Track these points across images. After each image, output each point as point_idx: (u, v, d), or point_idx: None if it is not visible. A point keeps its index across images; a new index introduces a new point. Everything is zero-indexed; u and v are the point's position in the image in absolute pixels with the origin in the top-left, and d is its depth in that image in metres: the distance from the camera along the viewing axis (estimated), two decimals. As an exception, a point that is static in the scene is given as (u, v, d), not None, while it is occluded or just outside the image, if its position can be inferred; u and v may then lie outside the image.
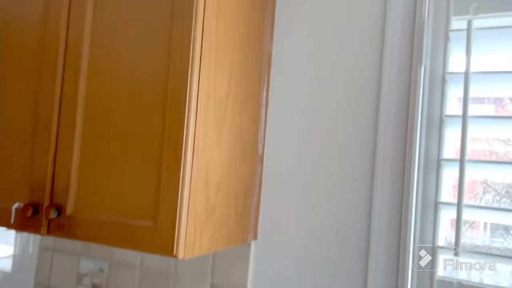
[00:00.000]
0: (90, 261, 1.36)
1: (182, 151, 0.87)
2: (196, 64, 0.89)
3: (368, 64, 1.03)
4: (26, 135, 1.04)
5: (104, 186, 0.95)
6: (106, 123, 0.96)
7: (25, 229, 1.02)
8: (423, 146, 0.93)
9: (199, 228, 0.92)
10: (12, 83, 1.09)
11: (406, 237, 0.92)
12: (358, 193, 1.02)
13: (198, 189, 0.91)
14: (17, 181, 1.05)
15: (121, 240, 0.91)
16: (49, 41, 1.03)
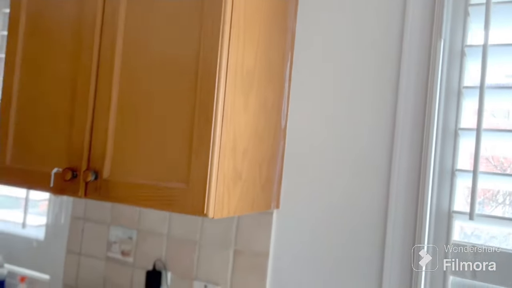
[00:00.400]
0: (119, 230, 1.43)
1: (213, 117, 0.93)
2: (226, 36, 0.94)
3: (390, 38, 1.07)
4: (64, 106, 1.11)
5: (139, 151, 1.01)
6: (140, 93, 1.02)
7: (63, 192, 1.09)
8: (442, 114, 0.98)
9: (227, 191, 0.98)
10: (50, 60, 1.15)
11: (424, 203, 0.97)
12: (377, 162, 1.06)
13: (226, 154, 0.97)
14: (55, 148, 1.12)
15: (155, 202, 0.98)
16: (86, 17, 1.09)
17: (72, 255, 1.51)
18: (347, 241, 1.11)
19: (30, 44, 1.19)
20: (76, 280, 1.50)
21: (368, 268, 1.06)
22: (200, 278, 1.29)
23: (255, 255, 1.22)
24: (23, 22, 1.20)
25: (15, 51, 1.20)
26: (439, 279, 0.96)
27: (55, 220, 1.56)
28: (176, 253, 1.34)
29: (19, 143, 1.19)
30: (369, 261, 1.06)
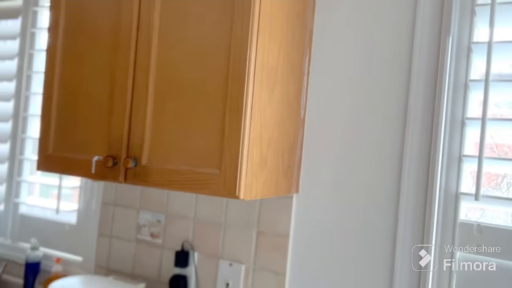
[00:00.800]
0: (148, 214, 1.54)
1: (243, 109, 1.03)
2: (254, 36, 1.04)
3: (402, 35, 1.16)
4: (104, 98, 1.22)
5: (175, 140, 1.11)
6: (175, 86, 1.12)
7: (104, 178, 1.20)
8: (450, 105, 1.07)
9: (255, 176, 1.09)
10: (89, 55, 1.26)
11: (433, 185, 1.07)
12: (390, 149, 1.16)
13: (254, 143, 1.07)
14: (96, 138, 1.23)
15: (191, 186, 1.08)
16: (123, 15, 1.19)
17: (104, 237, 1.63)
18: (361, 221, 1.21)
19: (69, 41, 1.30)
20: (108, 261, 1.61)
21: (381, 246, 1.17)
22: (225, 257, 1.40)
23: (276, 236, 1.33)
24: (63, 21, 1.30)
25: (56, 48, 1.31)
26: (446, 251, 1.07)
27: (87, 206, 1.67)
28: (202, 235, 1.45)
29: (61, 133, 1.30)
30: (381, 240, 1.17)
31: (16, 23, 1.88)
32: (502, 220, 1.10)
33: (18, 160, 1.85)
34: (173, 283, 1.42)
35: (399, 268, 1.12)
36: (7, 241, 1.85)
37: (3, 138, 1.88)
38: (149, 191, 1.55)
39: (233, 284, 1.37)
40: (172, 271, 1.47)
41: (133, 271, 1.56)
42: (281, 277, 1.31)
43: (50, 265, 1.67)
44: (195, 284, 1.43)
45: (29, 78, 1.85)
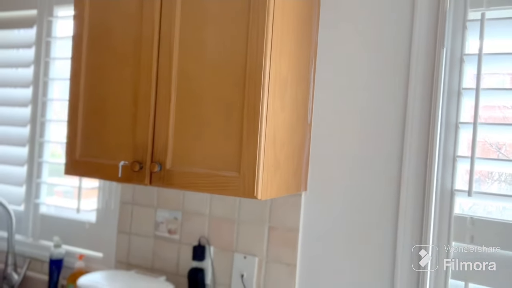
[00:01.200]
0: (165, 212, 1.65)
1: (259, 116, 1.14)
2: (268, 49, 1.15)
3: (400, 47, 1.27)
4: (128, 107, 1.32)
5: (196, 145, 1.22)
6: (196, 95, 1.23)
7: (130, 181, 1.31)
8: (445, 111, 1.19)
9: (270, 178, 1.20)
10: (112, 67, 1.36)
11: (430, 183, 1.19)
12: (391, 150, 1.28)
13: (269, 147, 1.18)
14: (121, 144, 1.33)
15: (212, 187, 1.20)
16: (145, 28, 1.29)
17: (123, 234, 1.74)
18: (364, 216, 1.33)
19: (93, 54, 1.39)
20: (128, 257, 1.72)
21: (383, 238, 1.29)
22: (240, 250, 1.52)
23: (287, 230, 1.45)
24: (86, 31, 1.40)
25: (80, 57, 1.40)
26: (443, 242, 1.19)
27: (106, 205, 1.78)
28: (217, 230, 1.56)
29: (87, 140, 1.40)
30: (384, 233, 1.29)
31: (32, 32, 1.97)
32: (493, 213, 1.22)
33: (37, 162, 1.95)
34: (191, 275, 1.54)
35: (400, 256, 1.24)
36: (29, 239, 1.95)
37: (22, 142, 1.98)
38: (166, 191, 1.66)
39: (248, 275, 1.49)
40: (189, 264, 1.58)
41: (152, 265, 1.67)
42: (292, 268, 1.43)
43: (73, 262, 1.78)
44: (212, 275, 1.55)
45: (45, 84, 1.94)
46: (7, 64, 2.05)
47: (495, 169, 1.22)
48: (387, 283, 1.28)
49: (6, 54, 2.07)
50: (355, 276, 1.34)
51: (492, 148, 1.24)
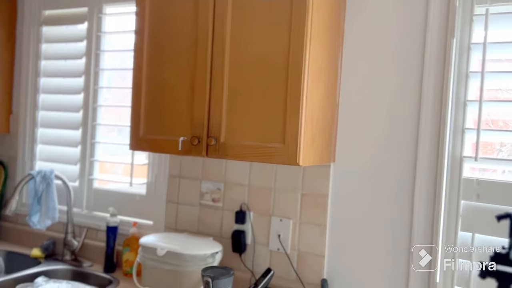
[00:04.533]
0: (209, 183, 1.90)
1: (300, 97, 1.38)
2: (308, 40, 1.38)
3: (416, 38, 1.50)
4: (186, 91, 1.56)
5: (246, 122, 1.46)
6: (245, 81, 1.46)
7: (188, 153, 1.55)
8: (455, 90, 1.42)
9: (308, 148, 1.44)
10: (172, 56, 1.59)
11: (443, 151, 1.43)
12: (408, 125, 1.51)
13: (307, 123, 1.42)
14: (180, 123, 1.57)
15: (261, 157, 1.44)
16: (200, 26, 1.52)
17: (171, 204, 1.99)
18: (385, 182, 1.57)
19: (153, 47, 1.63)
20: (176, 223, 1.98)
21: (402, 199, 1.53)
22: (276, 214, 1.76)
23: (317, 196, 1.69)
24: (147, 26, 1.63)
25: (142, 49, 1.64)
26: (454, 200, 1.43)
27: (155, 179, 2.03)
28: (256, 198, 1.81)
29: (149, 120, 1.64)
30: (402, 194, 1.53)
31: (83, 27, 2.20)
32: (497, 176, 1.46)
33: (90, 143, 2.20)
34: (235, 236, 1.79)
35: (417, 214, 1.48)
36: (84, 211, 2.21)
37: (76, 125, 2.23)
38: (209, 165, 1.90)
39: (284, 235, 1.73)
40: (231, 228, 1.83)
41: (198, 230, 1.92)
42: (322, 228, 1.68)
43: (126, 229, 2.03)
44: (252, 236, 1.80)
45: (96, 74, 2.18)
46: (62, 56, 2.30)
47: (496, 139, 1.45)
48: (405, 236, 1.52)
49: (60, 47, 2.31)
50: (377, 234, 1.58)
51: (491, 124, 1.47)
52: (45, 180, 2.05)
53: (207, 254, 1.61)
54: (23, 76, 2.37)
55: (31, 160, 2.36)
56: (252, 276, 1.76)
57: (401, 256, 1.53)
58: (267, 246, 1.77)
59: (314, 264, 1.68)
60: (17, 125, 2.39)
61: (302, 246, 1.71)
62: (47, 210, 2.07)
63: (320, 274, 1.67)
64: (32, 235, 2.28)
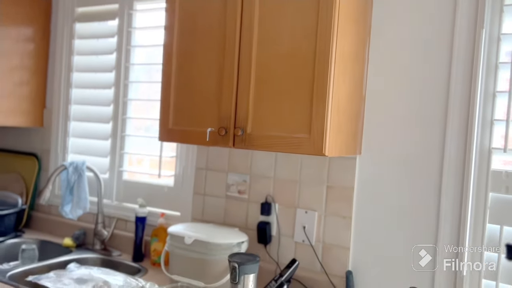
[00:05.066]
0: (235, 175, 1.93)
1: (327, 88, 1.39)
2: (335, 34, 1.39)
3: (444, 28, 1.49)
4: (214, 84, 1.59)
5: (273, 113, 1.48)
6: (272, 73, 1.48)
7: (216, 144, 1.59)
8: (484, 82, 1.41)
9: (334, 139, 1.45)
10: (200, 51, 1.63)
11: (471, 143, 1.42)
12: (436, 116, 1.51)
13: (334, 114, 1.43)
14: (208, 114, 1.61)
15: (287, 147, 1.46)
16: (229, 22, 1.55)
17: (198, 195, 2.03)
18: (412, 175, 1.56)
19: (182, 41, 1.67)
20: (202, 214, 2.01)
21: (429, 192, 1.52)
22: (301, 206, 1.78)
23: (343, 189, 1.70)
24: (177, 22, 1.67)
25: (172, 45, 1.68)
26: (482, 192, 1.42)
27: (182, 171, 2.07)
28: (281, 190, 1.83)
29: (178, 111, 1.68)
30: (429, 188, 1.52)
31: (114, 23, 2.27)
32: (525, 168, 1.44)
33: (120, 136, 2.26)
34: (260, 227, 1.82)
35: (444, 208, 1.47)
36: (114, 203, 2.27)
37: (106, 119, 2.30)
38: (235, 157, 1.93)
39: (309, 227, 1.75)
40: (256, 219, 1.86)
41: (224, 221, 1.95)
42: (347, 220, 1.68)
43: (154, 220, 2.09)
44: (277, 227, 1.82)
45: (127, 69, 2.24)
46: (93, 52, 2.37)
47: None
48: (432, 229, 1.52)
49: (92, 43, 2.39)
50: (403, 226, 1.57)
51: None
52: (77, 171, 2.12)
53: (233, 243, 1.64)
54: (56, 71, 2.46)
55: (64, 153, 2.44)
56: (277, 267, 1.78)
57: (428, 249, 1.52)
58: (292, 238, 1.79)
59: (339, 256, 1.69)
60: (50, 119, 2.48)
61: (327, 238, 1.72)
62: (79, 200, 2.14)
63: (345, 266, 1.67)
64: (64, 226, 2.36)
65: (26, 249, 1.99)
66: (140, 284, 1.54)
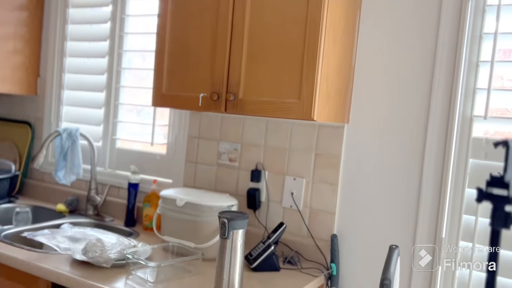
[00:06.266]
0: (226, 144, 1.98)
1: (317, 56, 1.44)
2: (326, 1, 1.43)
3: (431, 20, 1.54)
4: (207, 49, 1.63)
5: (264, 79, 1.53)
6: (264, 38, 1.52)
7: (208, 109, 1.63)
8: (468, 52, 1.46)
9: (323, 105, 1.50)
10: (194, 16, 1.66)
11: (454, 111, 1.48)
12: (421, 84, 1.56)
13: (322, 82, 1.48)
14: (201, 80, 1.65)
15: (277, 112, 1.51)
16: (223, -12, 1.59)
17: (190, 163, 2.08)
18: (396, 143, 1.62)
19: (176, 6, 1.70)
20: (194, 181, 2.07)
21: (412, 158, 1.58)
22: (290, 173, 1.84)
23: (331, 157, 1.75)
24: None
25: (166, 11, 1.71)
26: (463, 157, 1.49)
27: (175, 140, 2.12)
28: (271, 158, 1.88)
29: (171, 77, 1.72)
30: (413, 154, 1.58)
31: (108, 9, 2.29)
32: (504, 137, 1.50)
33: (114, 105, 2.29)
34: (250, 193, 1.87)
35: (426, 171, 1.54)
36: (107, 170, 2.32)
37: (100, 88, 2.32)
38: (227, 126, 1.98)
39: (297, 193, 1.81)
40: (247, 186, 1.91)
41: (215, 187, 2.01)
42: (334, 186, 1.74)
43: (146, 187, 2.13)
44: (266, 193, 1.88)
45: (121, 38, 2.26)
46: (87, 21, 2.39)
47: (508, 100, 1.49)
48: (414, 193, 1.58)
49: (86, 11, 2.40)
50: (387, 192, 1.64)
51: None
52: (71, 137, 2.16)
53: (223, 206, 1.70)
54: (50, 40, 2.47)
55: (57, 121, 2.47)
56: (265, 231, 1.84)
57: (410, 212, 1.59)
58: (281, 204, 1.85)
59: (325, 221, 1.76)
60: (44, 88, 2.50)
61: (314, 204, 1.79)
62: (72, 166, 2.18)
63: (330, 230, 1.74)
64: (57, 192, 2.40)
65: (20, 212, 2.03)
66: (132, 243, 1.59)
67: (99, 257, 1.48)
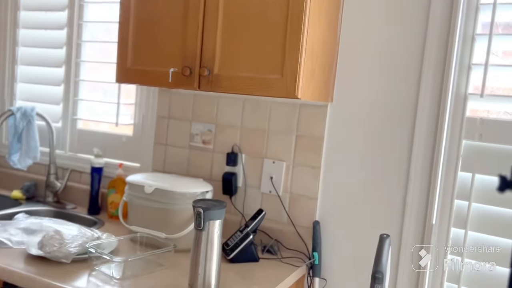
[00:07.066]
0: (200, 124, 1.82)
1: (301, 27, 1.29)
2: (311, -35, 1.28)
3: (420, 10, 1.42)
4: (178, 19, 1.46)
5: (242, 52, 1.37)
6: (243, 8, 1.36)
7: (179, 86, 1.46)
8: (463, 25, 1.35)
9: (307, 82, 1.36)
10: (162, -19, 1.48)
11: (447, 88, 1.37)
12: (411, 62, 1.44)
13: (307, 56, 1.34)
14: (171, 53, 1.48)
15: (257, 89, 1.36)
16: None
17: (159, 146, 1.91)
18: (383, 125, 1.50)
19: (142, -29, 1.51)
20: (164, 165, 1.90)
21: (401, 137, 1.47)
22: (269, 157, 1.70)
23: (313, 138, 1.62)
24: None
25: (130, -23, 1.52)
26: (455, 138, 1.38)
27: (142, 120, 1.94)
28: (248, 140, 1.74)
29: (137, 50, 1.54)
30: (401, 132, 1.47)
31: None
32: (498, 116, 1.41)
33: (74, 82, 2.08)
34: (225, 178, 1.73)
35: (415, 155, 1.43)
36: (67, 153, 2.12)
37: (59, 63, 2.11)
38: (200, 105, 1.82)
39: (276, 177, 1.68)
40: (222, 170, 1.77)
41: (187, 172, 1.85)
42: (316, 170, 1.62)
43: (111, 172, 1.96)
44: (243, 178, 1.74)
45: (81, 7, 2.05)
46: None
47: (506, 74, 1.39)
48: (402, 177, 1.48)
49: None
50: (372, 176, 1.53)
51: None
52: (26, 117, 1.95)
53: (197, 193, 1.55)
54: (1, 9, 2.22)
55: (11, 99, 2.25)
56: (242, 219, 1.71)
57: (398, 197, 1.49)
58: (259, 189, 1.72)
59: (306, 207, 1.64)
60: (-5, 62, 2.26)
61: (295, 189, 1.66)
62: (28, 149, 1.97)
63: (312, 216, 1.62)
64: (12, 177, 2.19)
65: (-32, 201, 1.83)
66: (96, 235, 1.43)
67: (57, 251, 1.32)
